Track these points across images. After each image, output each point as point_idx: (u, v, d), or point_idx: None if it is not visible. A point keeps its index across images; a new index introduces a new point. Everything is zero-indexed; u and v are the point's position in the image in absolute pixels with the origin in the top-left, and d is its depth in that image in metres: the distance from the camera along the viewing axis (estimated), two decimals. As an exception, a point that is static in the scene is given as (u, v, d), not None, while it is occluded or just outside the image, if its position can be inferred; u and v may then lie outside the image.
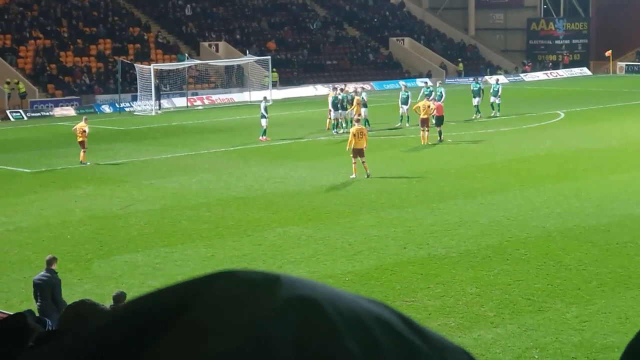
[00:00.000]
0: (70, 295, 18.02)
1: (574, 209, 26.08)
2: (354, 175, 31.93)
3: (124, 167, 35.91)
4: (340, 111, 44.88)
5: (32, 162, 37.47)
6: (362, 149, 32.16)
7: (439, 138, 40.46)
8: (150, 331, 1.19)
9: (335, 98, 45.25)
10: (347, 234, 23.91)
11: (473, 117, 49.25)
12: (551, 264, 20.56)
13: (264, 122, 42.66)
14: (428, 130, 39.99)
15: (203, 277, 1.26)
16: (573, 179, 30.74)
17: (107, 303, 15.57)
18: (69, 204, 28.73)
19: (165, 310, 1.22)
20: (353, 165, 32.14)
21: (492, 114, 50.29)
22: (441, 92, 47.47)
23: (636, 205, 26.19)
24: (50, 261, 16.68)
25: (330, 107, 45.08)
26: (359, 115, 40.13)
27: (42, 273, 16.59)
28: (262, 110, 42.78)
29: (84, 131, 36.49)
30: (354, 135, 32.44)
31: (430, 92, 49.05)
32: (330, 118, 45.29)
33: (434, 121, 40.95)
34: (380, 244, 22.89)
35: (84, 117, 40.06)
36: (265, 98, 45.99)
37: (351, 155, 32.28)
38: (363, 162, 32.06)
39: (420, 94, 49.24)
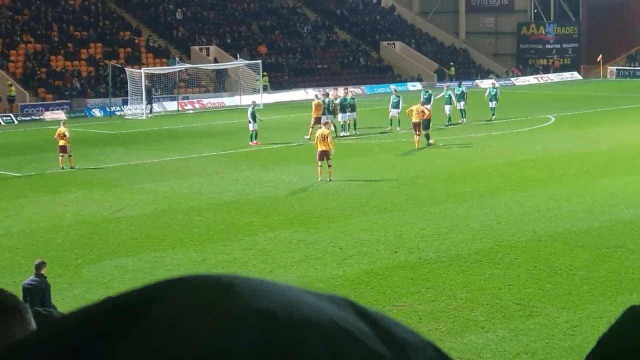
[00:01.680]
0: (60, 300, 17.98)
1: (565, 213, 26.10)
2: (320, 179, 32.08)
3: (115, 171, 35.83)
4: (327, 116, 44.92)
5: (22, 167, 37.38)
6: (327, 152, 32.31)
7: (428, 141, 40.53)
8: (82, 353, 1.12)
9: (323, 103, 45.29)
10: (338, 238, 23.89)
11: (463, 120, 49.22)
12: (542, 269, 20.56)
13: (251, 126, 42.67)
14: (419, 135, 39.99)
15: (148, 286, 1.18)
16: (564, 183, 30.77)
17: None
18: (59, 209, 28.65)
19: (100, 328, 1.16)
20: (319, 168, 32.26)
21: (493, 118, 50.19)
22: (450, 95, 48.04)
23: (627, 210, 26.22)
24: (39, 266, 16.62)
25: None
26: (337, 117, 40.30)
27: (32, 278, 16.54)
28: (249, 116, 42.80)
29: (65, 135, 36.31)
30: (317, 137, 32.65)
31: (429, 96, 48.95)
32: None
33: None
34: (371, 248, 22.87)
35: (62, 121, 39.94)
36: (254, 103, 46.01)
37: (317, 158, 32.43)
38: (329, 165, 32.21)
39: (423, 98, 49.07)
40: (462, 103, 49.54)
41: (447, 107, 48.69)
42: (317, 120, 43.55)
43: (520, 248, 22.43)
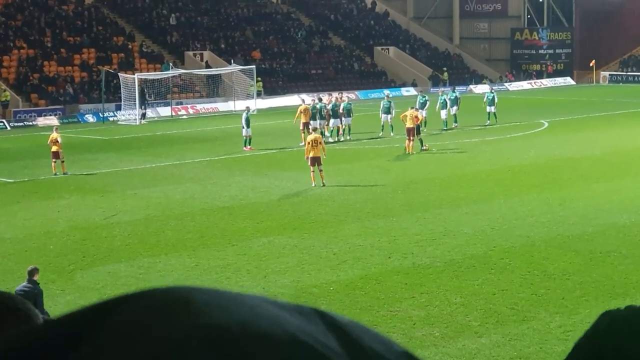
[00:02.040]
0: (52, 306, 17.93)
1: (558, 218, 26.10)
2: (313, 184, 32.12)
3: (108, 177, 35.78)
4: (318, 121, 44.96)
5: (14, 172, 37.31)
6: (319, 157, 32.40)
7: (422, 147, 40.58)
8: None
9: (314, 108, 45.35)
10: (332, 244, 23.88)
11: (456, 125, 49.28)
12: (535, 274, 20.56)
13: (244, 132, 42.69)
14: (413, 140, 40.00)
15: (103, 302, 1.15)
16: (557, 188, 30.78)
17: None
18: (52, 215, 28.60)
19: (50, 346, 1.12)
20: (311, 174, 32.30)
21: (488, 123, 50.30)
22: (446, 100, 48.28)
23: (620, 215, 26.23)
24: (32, 272, 16.59)
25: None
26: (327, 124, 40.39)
27: (24, 284, 16.51)
28: (243, 121, 42.83)
29: (58, 141, 36.24)
30: (309, 143, 32.67)
31: (426, 101, 49.03)
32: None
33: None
34: (364, 253, 22.85)
35: (55, 127, 39.87)
36: (248, 108, 46.03)
37: (309, 164, 32.44)
38: (320, 170, 32.27)
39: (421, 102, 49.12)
40: (454, 108, 49.56)
41: (443, 112, 48.78)
42: (306, 125, 43.72)
43: (514, 253, 22.43)
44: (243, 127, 42.89)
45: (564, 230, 24.57)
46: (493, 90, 54.32)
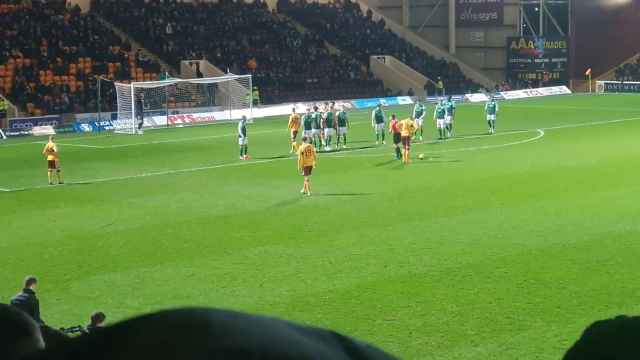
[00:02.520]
0: (48, 315, 17.91)
1: (554, 227, 26.12)
2: (309, 193, 32.23)
3: (104, 186, 35.76)
4: (313, 130, 45.03)
5: (10, 182, 37.27)
6: (311, 167, 32.48)
7: (396, 156, 40.82)
8: None
9: (308, 117, 45.39)
10: (328, 253, 23.87)
11: (449, 136, 49.30)
12: (531, 282, 20.57)
13: (240, 141, 42.73)
14: (408, 149, 40.04)
15: (125, 322, 1.15)
16: (553, 197, 30.80)
17: (86, 324, 15.49)
18: (48, 224, 28.57)
19: None
20: (306, 183, 32.46)
21: (489, 132, 50.40)
22: (444, 109, 48.42)
23: (616, 224, 26.25)
24: (29, 282, 16.58)
25: (302, 126, 45.04)
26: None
27: (20, 293, 16.50)
28: (239, 130, 42.87)
29: (53, 150, 36.22)
30: (302, 153, 32.72)
31: (422, 110, 49.12)
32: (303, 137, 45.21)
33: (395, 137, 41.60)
34: (361, 262, 22.85)
35: (50, 137, 39.83)
36: (244, 117, 46.15)
37: (302, 173, 32.48)
38: (307, 180, 32.51)
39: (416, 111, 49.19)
40: (449, 117, 49.61)
41: (439, 121, 48.83)
42: (295, 134, 43.94)
43: (510, 262, 22.43)
44: (239, 136, 42.93)
45: (560, 239, 24.58)
46: (494, 99, 54.41)
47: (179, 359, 1.07)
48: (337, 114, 46.61)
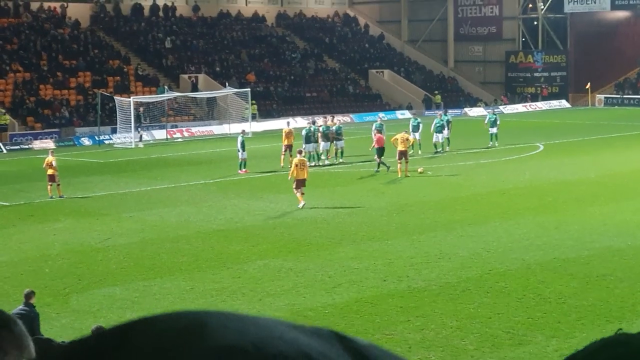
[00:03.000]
0: (48, 329, 17.88)
1: (554, 241, 26.10)
2: (302, 204, 32.37)
3: (103, 200, 35.76)
4: (312, 144, 45.11)
5: (10, 196, 37.26)
6: (304, 180, 32.65)
7: (376, 169, 41.03)
8: None
9: (309, 131, 45.46)
10: (327, 267, 23.85)
11: (447, 149, 49.33)
12: (531, 297, 20.55)
13: (240, 155, 42.79)
14: (407, 162, 40.06)
15: (118, 326, 1.16)
16: (553, 211, 30.80)
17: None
18: (48, 238, 28.56)
19: None
20: (298, 195, 32.61)
21: (490, 145, 50.50)
22: (443, 123, 48.67)
23: (615, 238, 26.24)
24: (29, 295, 16.56)
25: (303, 140, 45.10)
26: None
27: (20, 307, 16.47)
28: (239, 144, 42.94)
29: (52, 164, 36.21)
30: (297, 165, 32.82)
31: (419, 124, 49.23)
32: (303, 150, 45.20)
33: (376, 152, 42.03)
34: (360, 276, 22.83)
35: (50, 151, 39.83)
36: (243, 131, 46.24)
37: (294, 186, 32.55)
38: (302, 193, 32.57)
39: (410, 124, 49.21)
40: (446, 131, 49.65)
41: (436, 136, 48.87)
42: (288, 148, 43.99)
43: (510, 276, 22.41)
44: (239, 150, 42.97)
45: (560, 254, 24.57)
46: (495, 113, 54.54)
47: None
48: (333, 128, 46.62)
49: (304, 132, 45.52)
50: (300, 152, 35.37)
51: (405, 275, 22.76)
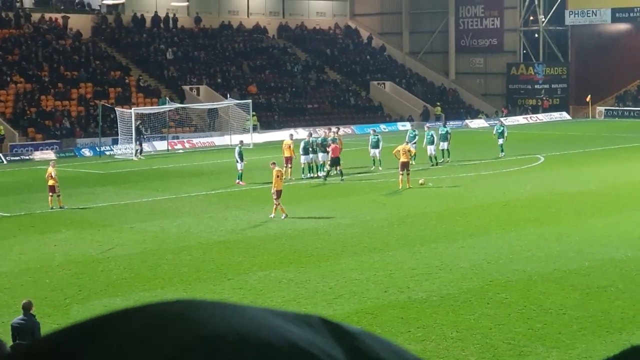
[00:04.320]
0: (48, 340, 17.85)
1: (555, 252, 26.10)
2: (284, 215, 32.70)
3: (104, 211, 35.76)
4: (310, 155, 45.10)
5: (11, 206, 37.27)
6: (281, 191, 33.17)
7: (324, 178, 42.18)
8: None
9: (307, 142, 45.46)
10: (328, 278, 23.84)
11: (447, 160, 49.29)
12: (532, 308, 20.53)
13: (239, 166, 42.82)
14: (409, 174, 40.04)
15: (105, 315, 1.16)
16: (554, 222, 30.79)
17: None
18: (48, 249, 28.56)
19: (56, 358, 1.13)
20: (279, 207, 32.85)
21: (501, 156, 50.61)
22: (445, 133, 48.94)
23: (617, 249, 26.24)
24: (27, 306, 16.57)
25: (301, 151, 45.11)
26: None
27: (20, 317, 16.50)
28: (236, 155, 42.98)
29: (51, 175, 36.18)
30: (278, 177, 33.34)
31: (415, 135, 49.30)
32: (301, 163, 45.21)
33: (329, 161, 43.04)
34: (361, 287, 22.82)
35: (51, 162, 39.79)
36: (241, 142, 46.31)
37: (275, 197, 32.88)
38: (279, 203, 32.94)
39: (407, 136, 49.28)
40: (445, 144, 49.64)
41: (429, 148, 48.63)
42: (288, 160, 44.04)
43: (511, 287, 22.40)
44: (237, 161, 42.99)
45: (561, 265, 24.56)
46: (503, 124, 54.66)
47: (155, 350, 1.07)
48: (329, 139, 46.48)
49: (302, 144, 45.50)
50: (274, 164, 35.08)
51: (406, 287, 22.75)
